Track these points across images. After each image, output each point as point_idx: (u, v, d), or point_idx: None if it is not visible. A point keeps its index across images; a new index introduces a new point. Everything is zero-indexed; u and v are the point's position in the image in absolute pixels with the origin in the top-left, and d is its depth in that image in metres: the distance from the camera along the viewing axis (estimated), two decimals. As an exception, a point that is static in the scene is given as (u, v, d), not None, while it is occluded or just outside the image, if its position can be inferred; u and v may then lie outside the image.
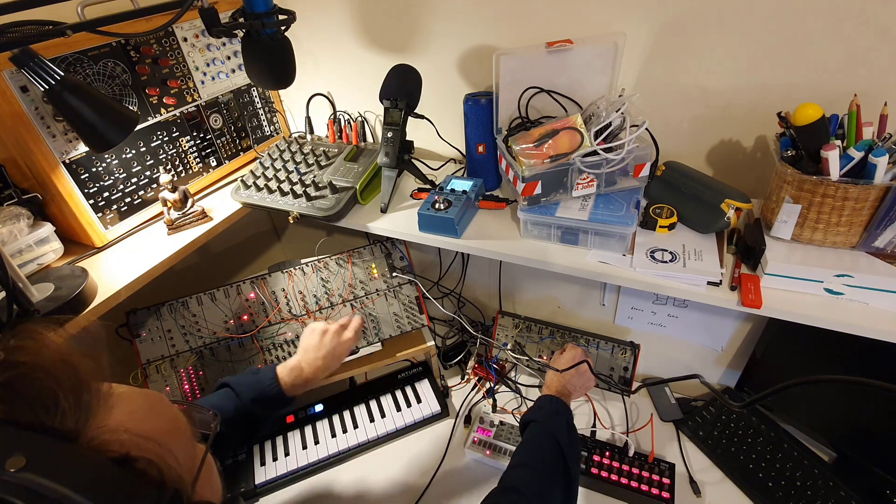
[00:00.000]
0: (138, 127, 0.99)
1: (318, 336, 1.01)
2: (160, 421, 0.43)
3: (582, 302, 1.34)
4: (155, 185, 1.06)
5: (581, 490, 1.08)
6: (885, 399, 0.95)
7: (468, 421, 1.26)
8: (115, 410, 0.38)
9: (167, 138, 1.06)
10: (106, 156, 0.96)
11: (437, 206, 0.96)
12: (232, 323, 1.16)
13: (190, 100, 1.09)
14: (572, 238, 0.91)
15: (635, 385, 1.24)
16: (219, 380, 0.95)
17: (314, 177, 1.09)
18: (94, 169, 0.94)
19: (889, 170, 0.70)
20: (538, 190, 0.90)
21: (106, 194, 0.97)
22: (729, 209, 0.84)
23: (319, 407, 1.30)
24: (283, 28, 0.89)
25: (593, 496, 1.08)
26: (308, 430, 1.25)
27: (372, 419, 1.26)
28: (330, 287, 1.21)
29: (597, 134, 0.88)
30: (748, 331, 1.15)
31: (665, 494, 1.05)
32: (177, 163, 1.09)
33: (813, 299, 0.76)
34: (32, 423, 0.33)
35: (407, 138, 1.04)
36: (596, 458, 1.12)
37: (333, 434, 1.24)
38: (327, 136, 1.25)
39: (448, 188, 1.02)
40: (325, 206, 1.02)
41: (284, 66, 0.94)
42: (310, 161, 1.14)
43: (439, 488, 1.12)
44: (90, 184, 0.94)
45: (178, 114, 1.08)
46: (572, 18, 0.96)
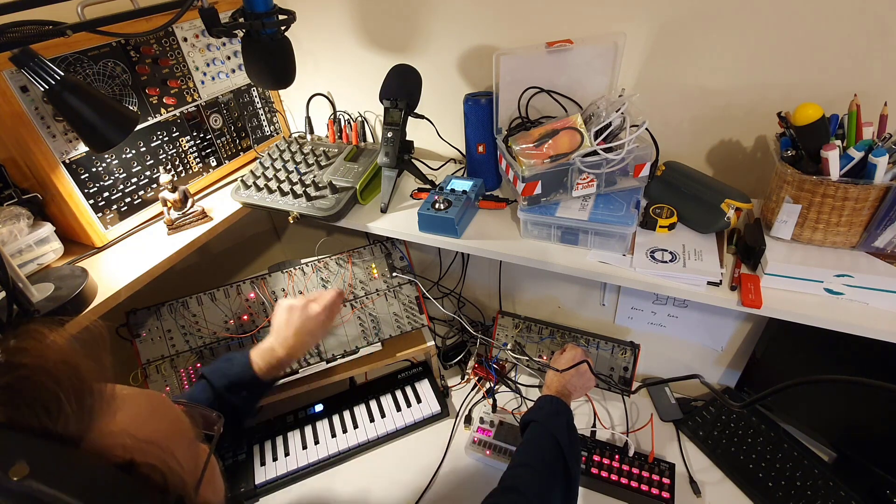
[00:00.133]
0: (138, 127, 0.99)
1: (286, 313, 0.95)
2: (163, 423, 0.43)
3: (582, 302, 1.34)
4: (155, 185, 1.06)
5: (581, 490, 1.08)
6: (885, 399, 0.95)
7: (468, 421, 1.26)
8: (119, 414, 0.38)
9: (167, 138, 1.06)
10: (106, 156, 0.96)
11: (437, 206, 0.96)
12: (232, 323, 1.16)
13: (190, 100, 1.09)
14: (572, 238, 0.91)
15: (635, 385, 1.24)
16: (199, 369, 0.91)
17: (314, 177, 1.09)
18: (94, 169, 0.94)
19: (889, 170, 0.70)
20: (538, 190, 0.90)
21: (106, 194, 0.97)
22: (729, 209, 0.84)
23: (319, 407, 1.30)
24: (283, 28, 0.89)
25: (593, 496, 1.08)
26: (308, 430, 1.25)
27: (372, 419, 1.26)
28: (330, 287, 1.21)
29: (597, 134, 0.88)
30: (748, 331, 1.15)
31: (665, 494, 1.05)
32: (177, 163, 1.09)
33: (813, 299, 0.76)
34: (35, 428, 0.33)
35: (407, 138, 1.04)
36: (596, 458, 1.13)
37: (333, 434, 1.24)
38: (327, 136, 1.25)
39: (448, 188, 1.02)
40: (325, 206, 1.02)
41: (284, 66, 0.94)
42: (310, 161, 1.14)
43: (439, 488, 1.12)
44: (90, 184, 0.94)
45: (178, 114, 1.08)
46: (572, 18, 0.96)
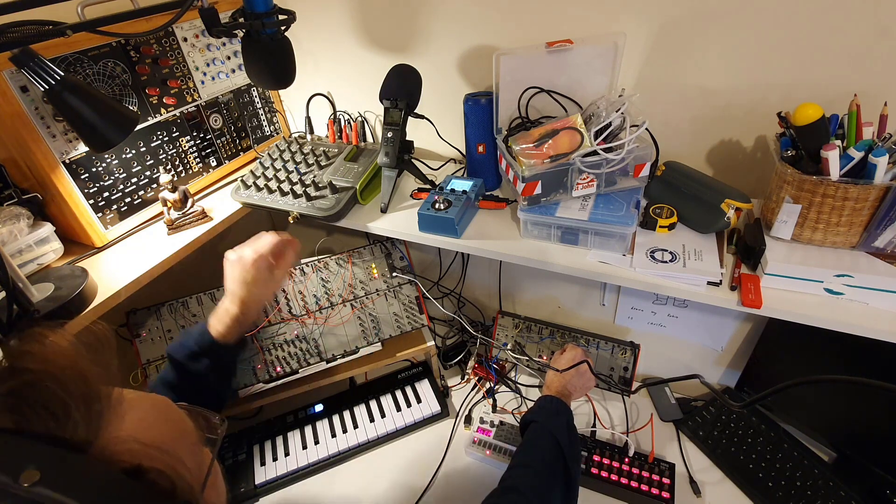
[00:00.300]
0: (138, 127, 0.99)
1: (228, 267, 0.90)
2: (169, 427, 0.43)
3: (582, 302, 1.34)
4: (155, 185, 1.06)
5: (581, 490, 1.08)
6: (885, 399, 0.95)
7: (468, 421, 1.26)
8: (126, 418, 0.38)
9: (167, 138, 1.06)
10: (106, 156, 0.96)
11: (437, 206, 0.96)
12: (232, 323, 1.15)
13: (190, 100, 1.09)
14: (572, 238, 0.91)
15: (635, 385, 1.24)
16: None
17: (314, 177, 1.09)
18: (94, 169, 0.94)
19: (889, 170, 0.70)
20: (538, 190, 0.90)
21: (106, 194, 0.97)
22: (729, 209, 0.84)
23: (319, 407, 1.30)
24: (283, 28, 0.89)
25: (593, 496, 1.08)
26: (308, 430, 1.25)
27: (372, 419, 1.26)
28: (330, 287, 1.21)
29: (597, 134, 0.88)
30: (748, 331, 1.15)
31: (665, 494, 1.05)
32: (177, 163, 1.09)
33: (813, 299, 0.76)
34: (43, 434, 0.32)
35: (407, 138, 1.03)
36: (596, 458, 1.12)
37: (333, 434, 1.24)
38: (327, 136, 1.25)
39: (448, 188, 1.02)
40: (325, 206, 1.02)
41: (284, 66, 0.94)
42: (310, 161, 1.14)
43: (439, 488, 1.12)
44: (90, 184, 0.94)
45: (178, 114, 1.08)
46: (572, 18, 0.96)
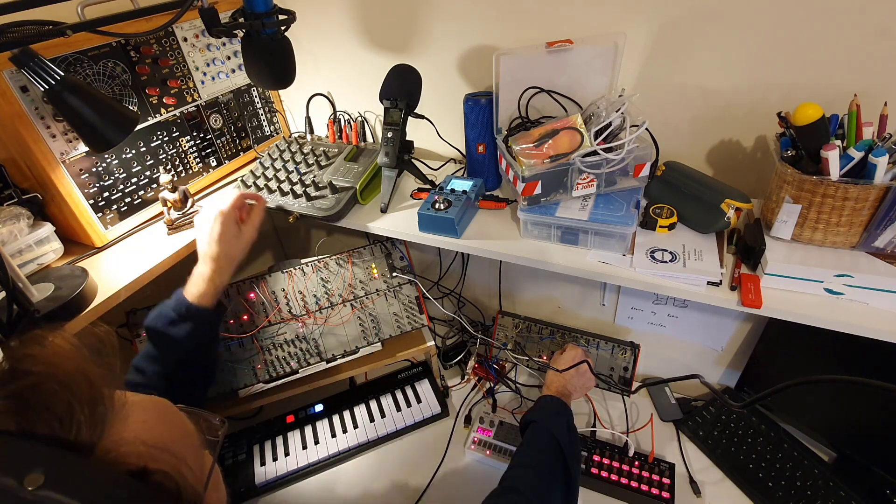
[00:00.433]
0: (138, 127, 0.99)
1: (196, 230, 0.92)
2: (172, 429, 0.43)
3: (582, 302, 1.34)
4: (155, 185, 1.06)
5: (581, 490, 1.08)
6: (885, 399, 0.95)
7: (468, 421, 1.26)
8: (130, 420, 0.37)
9: (167, 138, 1.06)
10: (106, 156, 0.96)
11: (437, 206, 0.96)
12: (232, 323, 1.15)
13: (190, 100, 1.09)
14: (572, 238, 0.91)
15: (635, 385, 1.24)
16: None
17: (314, 177, 1.09)
18: (94, 169, 0.94)
19: (889, 170, 0.70)
20: (538, 190, 0.90)
21: (106, 194, 0.97)
22: (729, 209, 0.84)
23: (319, 407, 1.30)
24: (283, 28, 0.89)
25: (593, 496, 1.08)
26: (308, 430, 1.25)
27: (372, 419, 1.26)
28: (330, 287, 1.21)
29: (597, 134, 0.88)
30: (748, 331, 1.15)
31: (665, 494, 1.05)
32: (177, 163, 1.09)
33: (813, 299, 0.76)
34: (48, 437, 0.32)
35: (407, 138, 1.03)
36: (596, 458, 1.12)
37: (333, 434, 1.24)
38: (327, 136, 1.25)
39: (448, 188, 1.02)
40: (325, 206, 1.02)
41: (284, 66, 0.94)
42: (310, 161, 1.14)
43: (439, 488, 1.12)
44: (90, 184, 0.94)
45: (178, 114, 1.08)
46: (572, 18, 0.96)
